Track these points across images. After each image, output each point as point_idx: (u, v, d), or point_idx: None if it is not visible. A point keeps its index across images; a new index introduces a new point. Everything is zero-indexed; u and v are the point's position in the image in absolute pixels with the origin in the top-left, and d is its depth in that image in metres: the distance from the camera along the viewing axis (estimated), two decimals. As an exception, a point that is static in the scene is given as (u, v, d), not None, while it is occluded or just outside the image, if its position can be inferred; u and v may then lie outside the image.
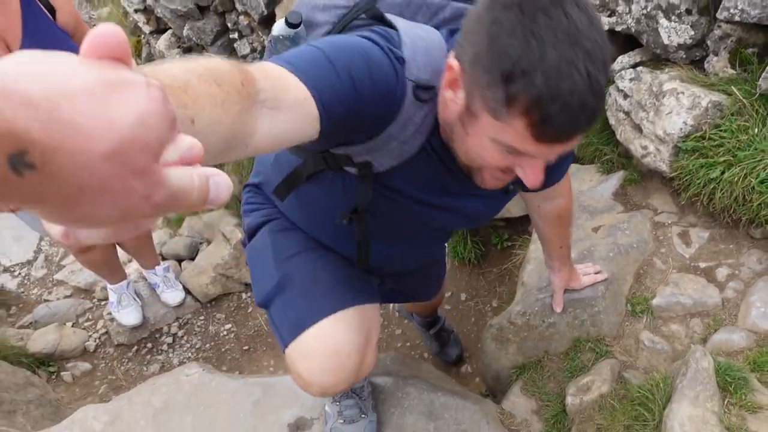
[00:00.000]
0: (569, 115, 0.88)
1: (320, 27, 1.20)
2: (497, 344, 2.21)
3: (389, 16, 1.13)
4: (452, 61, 0.98)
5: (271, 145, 0.80)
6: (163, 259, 3.98)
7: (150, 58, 5.11)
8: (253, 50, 3.93)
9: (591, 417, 1.85)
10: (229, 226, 3.86)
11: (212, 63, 0.66)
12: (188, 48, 4.48)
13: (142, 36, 5.14)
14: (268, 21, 3.76)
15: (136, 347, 3.52)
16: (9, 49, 1.90)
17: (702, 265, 2.20)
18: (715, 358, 1.78)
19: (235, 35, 3.93)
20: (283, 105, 0.80)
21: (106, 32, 0.40)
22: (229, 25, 3.95)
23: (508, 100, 0.89)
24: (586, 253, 2.24)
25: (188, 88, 0.57)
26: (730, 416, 1.63)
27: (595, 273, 2.12)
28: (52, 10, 2.07)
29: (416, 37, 1.06)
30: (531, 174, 1.04)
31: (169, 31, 4.54)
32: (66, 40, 2.07)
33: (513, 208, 2.88)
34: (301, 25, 1.19)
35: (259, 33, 3.85)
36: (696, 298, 2.08)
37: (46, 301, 3.83)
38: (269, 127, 0.76)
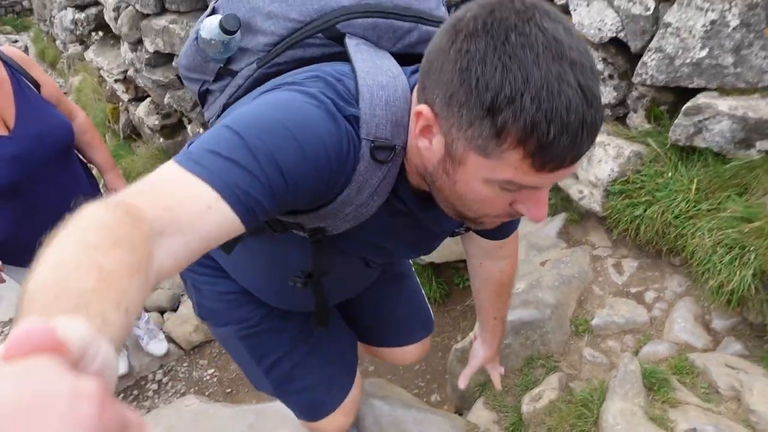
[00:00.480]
0: (570, 135, 0.76)
1: (263, 35, 1.07)
2: (461, 365, 2.51)
3: (350, 45, 1.01)
4: (421, 107, 0.86)
5: (179, 267, 0.71)
6: (146, 310, 4.19)
7: (129, 124, 5.42)
8: (231, 115, 4.28)
9: (542, 421, 2.15)
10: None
11: (93, 222, 0.59)
12: (167, 114, 4.81)
13: (121, 104, 5.46)
14: (244, 88, 4.12)
15: (122, 395, 3.69)
16: (6, 125, 2.13)
17: (633, 290, 2.56)
18: (643, 365, 2.11)
19: (214, 101, 4.28)
20: (184, 224, 0.71)
21: (28, 329, 0.37)
22: (208, 92, 4.30)
23: (497, 133, 0.78)
24: (534, 283, 2.58)
25: (106, 282, 0.52)
26: (654, 409, 1.95)
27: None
28: (37, 85, 2.27)
29: (377, 86, 0.93)
30: (535, 208, 0.89)
31: (149, 99, 4.87)
32: (53, 111, 2.28)
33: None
34: (238, 31, 1.07)
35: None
36: (628, 318, 2.43)
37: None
38: (169, 255, 0.68)
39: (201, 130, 4.52)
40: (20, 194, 2.17)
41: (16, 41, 10.95)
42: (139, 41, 4.34)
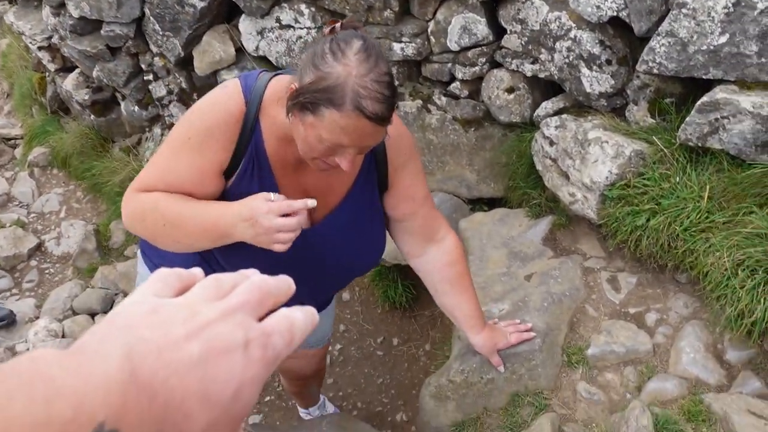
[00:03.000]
0: None
1: None
2: (436, 402, 2.15)
3: None
4: None
5: None
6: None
7: (56, 97, 4.84)
8: (170, 92, 3.77)
9: (535, 478, 1.82)
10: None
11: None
12: (98, 88, 4.27)
13: (47, 74, 4.86)
14: (185, 62, 3.62)
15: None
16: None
17: (632, 310, 2.23)
18: (652, 410, 1.79)
19: (150, 77, 3.77)
20: None
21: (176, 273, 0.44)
22: (143, 66, 3.78)
23: None
24: (521, 304, 2.23)
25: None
26: (672, 473, 1.63)
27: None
28: None
29: None
30: None
31: (77, 71, 4.31)
32: None
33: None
34: None
35: (176, 75, 3.70)
36: (628, 346, 2.10)
37: None
38: None
39: (135, 108, 3.99)
40: None
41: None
42: (62, 4, 3.77)
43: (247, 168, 1.40)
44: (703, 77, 2.11)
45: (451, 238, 1.72)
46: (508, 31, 2.68)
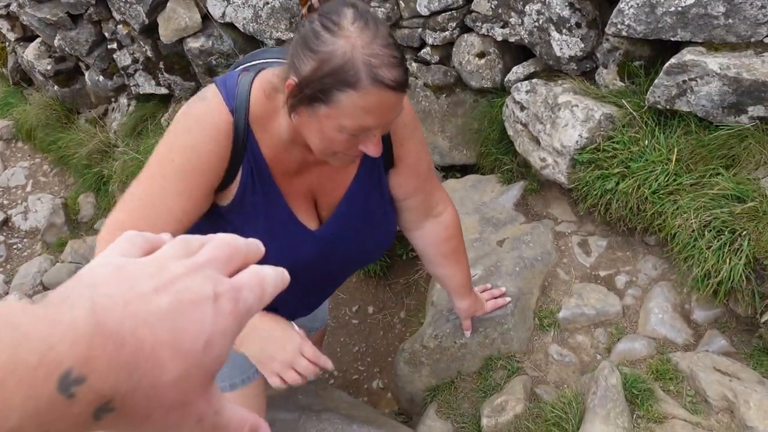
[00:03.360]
0: None
1: None
2: (410, 367, 2.17)
3: None
4: None
5: None
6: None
7: (17, 68, 4.70)
8: (135, 61, 3.67)
9: (507, 439, 1.85)
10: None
11: None
12: (61, 57, 4.15)
13: (7, 44, 4.71)
14: (149, 30, 3.53)
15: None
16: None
17: (602, 273, 2.26)
18: (621, 370, 1.82)
19: (114, 45, 3.67)
20: None
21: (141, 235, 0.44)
22: (106, 34, 3.67)
23: None
24: (493, 269, 2.24)
25: None
26: (639, 430, 1.66)
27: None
28: None
29: None
30: None
31: (39, 40, 4.18)
32: None
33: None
34: None
35: (141, 43, 3.61)
36: (599, 308, 2.13)
37: None
38: None
39: (100, 78, 3.89)
40: None
41: None
42: (20, -30, 3.65)
43: (247, 182, 1.26)
44: (672, 39, 2.11)
45: (449, 212, 1.63)
46: (478, -5, 2.65)
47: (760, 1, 1.94)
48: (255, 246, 0.46)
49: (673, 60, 2.07)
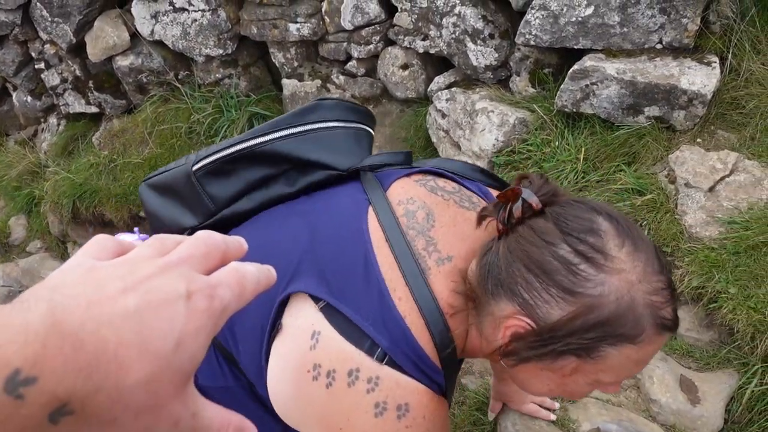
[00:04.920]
0: None
1: None
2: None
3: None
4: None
5: None
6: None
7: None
8: (64, 80, 3.66)
9: (435, 427, 1.94)
10: (52, 271, 3.57)
11: None
12: (-13, 79, 4.09)
13: (-69, 66, 4.60)
14: (77, 49, 3.53)
15: None
16: None
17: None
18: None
19: (42, 65, 3.65)
20: None
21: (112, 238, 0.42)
22: (33, 54, 3.65)
23: None
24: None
25: None
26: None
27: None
28: None
29: None
30: None
31: (-37, 61, 4.11)
32: None
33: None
34: None
35: (69, 62, 3.60)
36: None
37: None
38: None
39: (28, 98, 3.86)
40: None
41: None
42: (-59, -8, 3.60)
43: None
44: (575, 47, 2.27)
45: None
46: (399, 9, 2.77)
47: (650, 11, 2.12)
48: (236, 243, 0.43)
49: (576, 66, 2.23)
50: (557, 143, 2.33)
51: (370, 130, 1.09)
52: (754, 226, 1.84)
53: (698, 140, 2.10)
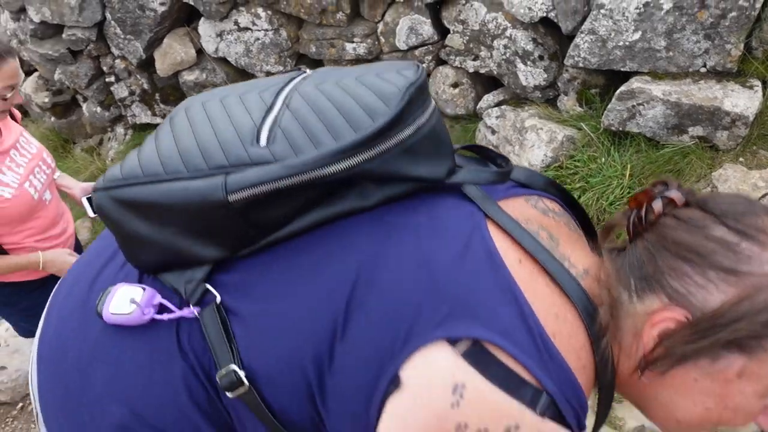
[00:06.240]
0: None
1: None
2: None
3: None
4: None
5: None
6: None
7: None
8: (132, 93, 3.91)
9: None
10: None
11: None
12: (59, 90, 4.37)
13: (4, 78, 4.91)
14: (146, 64, 3.77)
15: (20, 404, 3.36)
16: None
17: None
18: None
19: (112, 78, 3.90)
20: None
21: None
22: (104, 68, 3.91)
23: None
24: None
25: None
26: (600, 408, 1.91)
27: None
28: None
29: None
30: None
31: (36, 74, 4.40)
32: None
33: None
34: None
35: (137, 76, 3.85)
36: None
37: None
38: None
39: (98, 109, 4.12)
40: None
41: None
42: (23, 9, 3.87)
43: None
44: (621, 69, 2.41)
45: None
46: (451, 31, 2.94)
47: (695, 36, 2.25)
48: None
49: (623, 88, 2.36)
50: (603, 160, 2.46)
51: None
52: (793, 242, 1.95)
53: (741, 159, 2.22)
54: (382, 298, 0.65)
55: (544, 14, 2.55)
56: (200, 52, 3.61)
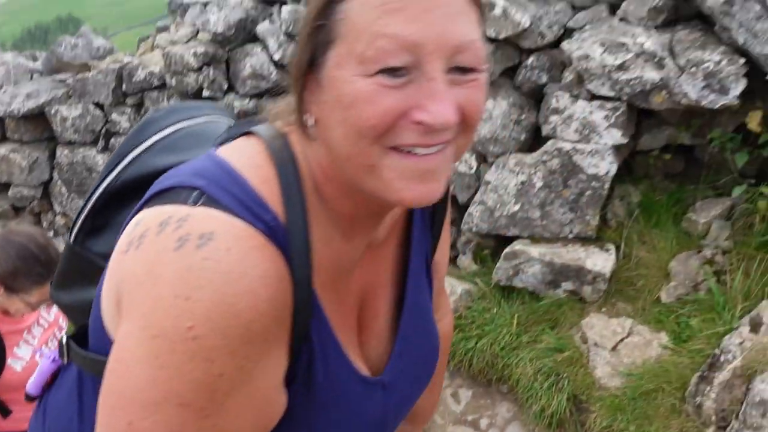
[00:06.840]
0: None
1: None
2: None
3: None
4: None
5: None
6: None
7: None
8: (69, 247, 4.14)
9: None
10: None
11: None
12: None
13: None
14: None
15: None
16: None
17: (469, 417, 2.79)
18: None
19: (51, 234, 4.14)
20: None
21: None
22: (44, 224, 4.16)
23: None
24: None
25: None
26: None
27: None
28: None
29: None
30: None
31: (-27, 228, 4.58)
32: None
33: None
34: None
35: (77, 231, 4.11)
36: (466, 445, 2.63)
37: None
38: None
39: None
40: None
41: None
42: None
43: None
44: (507, 234, 2.88)
45: (446, 322, 1.13)
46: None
47: (562, 209, 2.77)
48: None
49: (507, 249, 2.82)
50: (495, 310, 2.86)
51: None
52: (645, 377, 2.33)
53: (603, 309, 2.66)
54: None
55: (444, 188, 3.05)
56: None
